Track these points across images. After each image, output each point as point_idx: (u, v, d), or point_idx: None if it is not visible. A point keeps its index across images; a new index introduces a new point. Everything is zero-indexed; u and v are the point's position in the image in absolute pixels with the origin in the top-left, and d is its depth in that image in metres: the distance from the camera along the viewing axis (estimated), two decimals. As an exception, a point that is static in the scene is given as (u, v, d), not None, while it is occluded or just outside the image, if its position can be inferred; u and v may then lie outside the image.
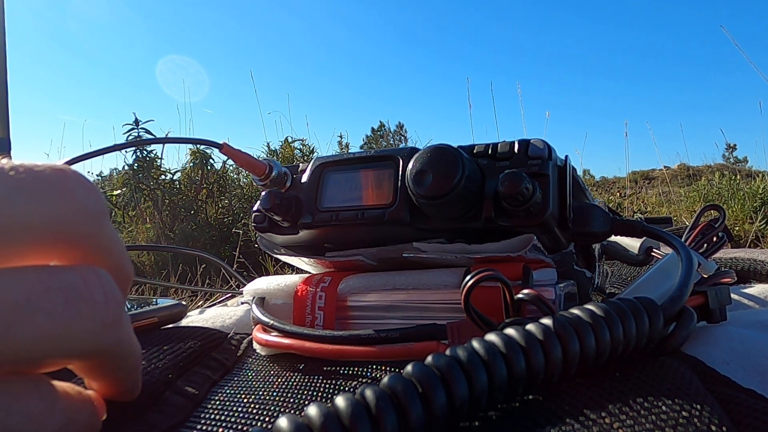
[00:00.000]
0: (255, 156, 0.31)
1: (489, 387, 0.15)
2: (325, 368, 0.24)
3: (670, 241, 0.25)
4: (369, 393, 0.14)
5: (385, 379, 0.14)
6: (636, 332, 0.17)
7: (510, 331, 0.16)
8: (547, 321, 0.17)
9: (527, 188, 0.23)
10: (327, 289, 0.28)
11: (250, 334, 0.29)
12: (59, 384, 0.15)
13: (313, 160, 0.31)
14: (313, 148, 2.78)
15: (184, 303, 0.34)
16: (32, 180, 0.13)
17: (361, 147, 5.89)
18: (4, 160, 0.14)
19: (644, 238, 0.36)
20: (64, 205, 0.14)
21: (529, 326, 0.17)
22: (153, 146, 2.47)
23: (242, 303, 0.42)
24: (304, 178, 0.30)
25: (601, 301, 0.18)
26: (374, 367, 0.23)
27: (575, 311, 0.17)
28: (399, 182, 0.27)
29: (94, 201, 0.15)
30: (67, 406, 0.15)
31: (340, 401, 0.14)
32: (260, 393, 0.22)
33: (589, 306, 0.17)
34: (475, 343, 0.16)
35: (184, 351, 0.26)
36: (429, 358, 0.15)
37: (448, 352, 0.16)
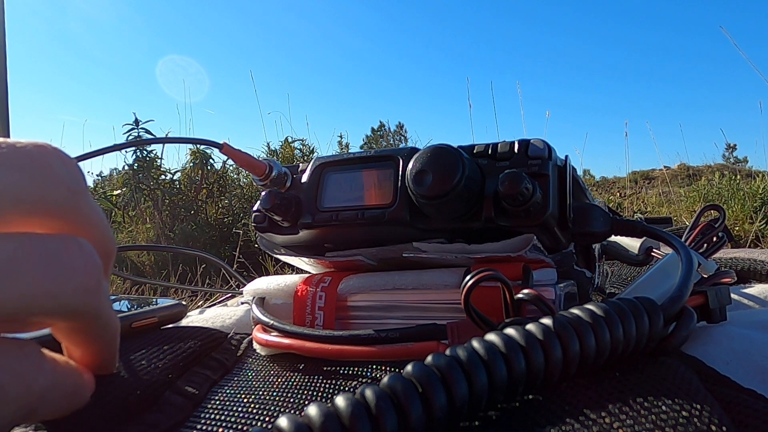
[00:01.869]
0: (255, 156, 0.31)
1: (489, 387, 0.15)
2: (325, 368, 0.24)
3: (670, 241, 0.25)
4: (369, 393, 0.14)
5: (385, 379, 0.14)
6: (636, 332, 0.17)
7: (510, 331, 0.16)
8: (547, 321, 0.17)
9: (527, 188, 0.23)
10: (327, 289, 0.28)
11: (250, 334, 0.29)
12: (47, 351, 0.16)
13: (313, 160, 0.31)
14: (313, 148, 2.79)
15: (184, 303, 0.34)
16: (13, 154, 0.14)
17: (361, 147, 5.89)
18: None
19: (644, 238, 0.36)
20: (43, 178, 0.15)
21: (529, 326, 0.17)
22: (153, 146, 2.47)
23: (242, 303, 0.42)
24: (304, 178, 0.30)
25: (601, 301, 0.18)
26: (374, 367, 0.23)
27: (575, 311, 0.17)
28: (399, 182, 0.27)
29: (72, 175, 0.15)
30: (53, 369, 0.16)
31: (340, 401, 0.14)
32: (260, 393, 0.22)
33: (589, 306, 0.17)
34: (475, 343, 0.16)
35: (184, 351, 0.26)
36: (429, 358, 0.15)
37: (448, 352, 0.16)
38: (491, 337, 0.16)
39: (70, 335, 0.17)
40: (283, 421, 0.13)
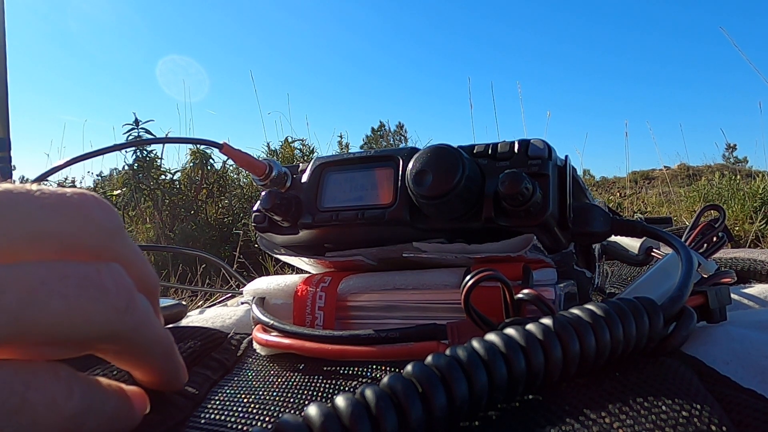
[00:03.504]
0: (255, 156, 0.31)
1: (489, 387, 0.15)
2: (325, 368, 0.24)
3: (670, 241, 0.25)
4: (369, 393, 0.14)
5: (385, 379, 0.14)
6: (636, 332, 0.17)
7: (510, 331, 0.16)
8: (547, 321, 0.17)
9: (527, 188, 0.23)
10: (327, 289, 0.28)
11: (250, 334, 0.29)
12: (84, 375, 0.16)
13: (313, 160, 0.31)
14: (313, 148, 2.79)
15: (184, 303, 0.34)
16: (57, 200, 0.16)
17: (361, 147, 5.89)
18: (34, 185, 0.16)
19: (644, 238, 0.36)
20: (83, 222, 0.16)
21: (529, 326, 0.17)
22: (153, 146, 2.47)
23: (242, 303, 0.42)
24: (304, 178, 0.30)
25: (601, 301, 0.18)
26: (374, 367, 0.23)
27: (575, 311, 0.17)
28: (399, 182, 0.27)
29: (109, 219, 0.17)
30: (88, 393, 0.16)
31: (339, 401, 0.14)
32: (260, 393, 0.22)
33: (589, 306, 0.17)
34: (475, 343, 0.16)
35: (184, 351, 0.26)
36: (429, 358, 0.15)
37: (448, 352, 0.16)
38: (491, 337, 0.16)
39: (116, 357, 0.18)
40: (283, 422, 0.13)
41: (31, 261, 0.15)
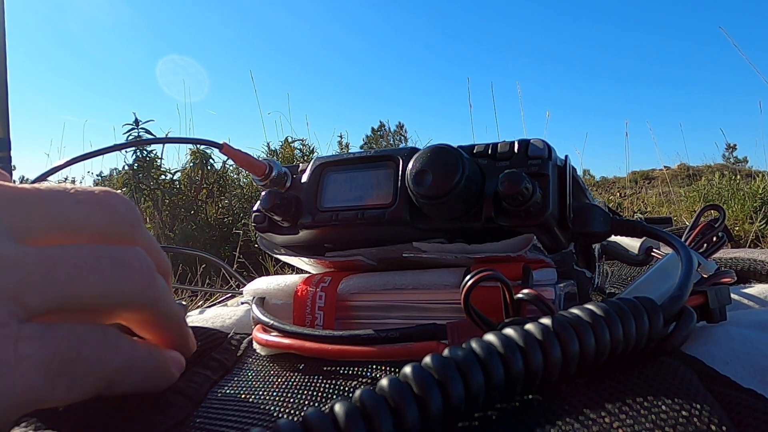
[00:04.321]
0: (255, 156, 0.31)
1: (486, 387, 0.15)
2: (325, 368, 0.24)
3: (670, 241, 0.25)
4: (365, 397, 0.14)
5: (382, 382, 0.14)
6: (636, 332, 0.17)
7: (508, 330, 0.16)
8: (546, 321, 0.17)
9: (527, 188, 0.23)
10: (327, 289, 0.28)
11: (250, 334, 0.29)
12: (129, 336, 0.19)
13: (313, 160, 0.31)
14: (313, 148, 2.78)
15: (184, 303, 0.34)
16: (87, 196, 0.19)
17: (361, 147, 5.88)
18: (69, 185, 0.19)
19: (644, 238, 0.36)
20: (110, 214, 0.19)
21: (528, 326, 0.17)
22: (153, 146, 2.47)
23: (242, 303, 0.42)
24: (304, 178, 0.30)
25: (600, 301, 0.18)
26: (374, 367, 0.23)
27: (575, 311, 0.17)
28: (399, 182, 0.27)
29: (130, 212, 0.20)
30: (130, 351, 0.19)
31: (337, 407, 0.14)
32: (260, 393, 0.22)
33: (588, 306, 0.17)
34: (473, 343, 0.16)
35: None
36: (426, 359, 0.15)
37: (446, 352, 0.16)
38: (489, 337, 0.16)
39: (139, 326, 0.21)
40: (280, 427, 0.13)
41: (73, 244, 0.18)
